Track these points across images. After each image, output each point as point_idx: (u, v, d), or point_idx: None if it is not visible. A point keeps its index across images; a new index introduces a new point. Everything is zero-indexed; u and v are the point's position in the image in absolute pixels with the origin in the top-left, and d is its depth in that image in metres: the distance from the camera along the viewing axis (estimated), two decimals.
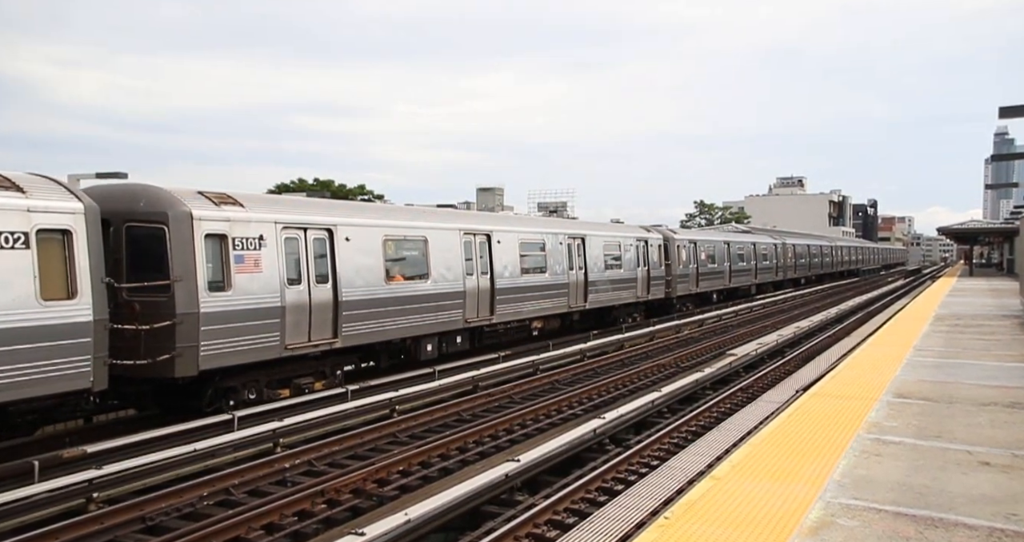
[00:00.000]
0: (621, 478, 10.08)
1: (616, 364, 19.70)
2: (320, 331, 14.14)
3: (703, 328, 27.90)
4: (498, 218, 27.44)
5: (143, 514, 8.59)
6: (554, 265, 22.30)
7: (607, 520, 7.87)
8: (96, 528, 8.17)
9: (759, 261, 42.56)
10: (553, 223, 26.29)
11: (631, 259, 27.03)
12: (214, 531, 7.94)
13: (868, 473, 6.59)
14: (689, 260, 32.28)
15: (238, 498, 9.44)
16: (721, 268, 36.59)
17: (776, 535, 5.15)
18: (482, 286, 19.11)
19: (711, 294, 36.32)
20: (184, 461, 10.30)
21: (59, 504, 8.83)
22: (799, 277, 52.80)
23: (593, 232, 25.44)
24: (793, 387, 14.86)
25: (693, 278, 32.87)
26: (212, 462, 10.60)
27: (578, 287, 23.45)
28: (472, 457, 11.38)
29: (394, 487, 9.92)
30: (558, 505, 8.89)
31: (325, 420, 12.73)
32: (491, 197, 39.63)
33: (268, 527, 8.41)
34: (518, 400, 15.33)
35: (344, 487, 9.59)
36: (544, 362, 18.77)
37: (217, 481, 9.66)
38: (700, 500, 5.85)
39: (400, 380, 15.67)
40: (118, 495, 9.33)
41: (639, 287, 27.55)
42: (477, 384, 16.16)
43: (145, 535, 8.26)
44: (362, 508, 9.24)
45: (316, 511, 8.95)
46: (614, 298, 25.93)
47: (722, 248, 36.93)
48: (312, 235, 14.23)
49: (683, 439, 12.06)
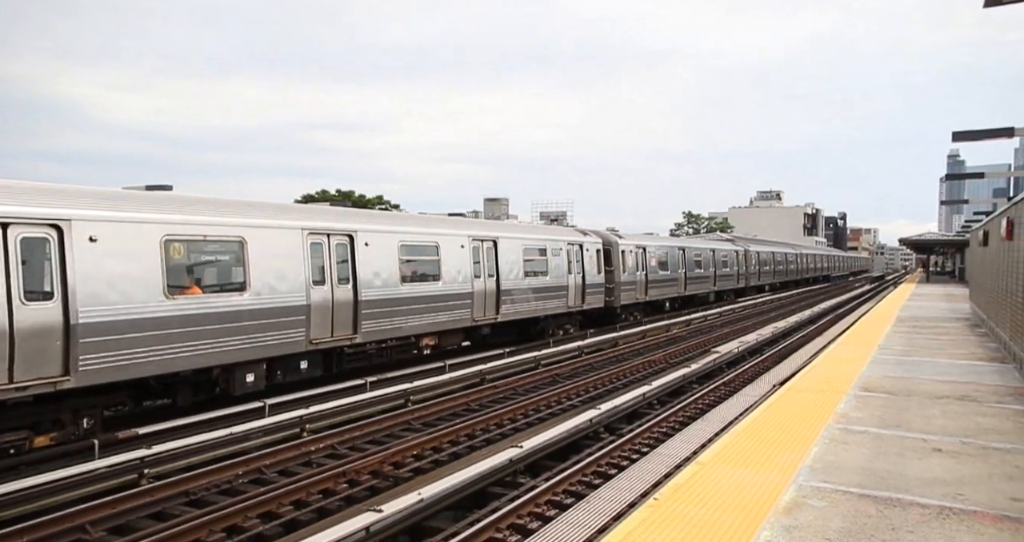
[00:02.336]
0: (615, 463, 10.17)
1: (611, 360, 19.77)
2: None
3: (690, 327, 27.95)
4: (370, 216, 18.27)
5: (187, 489, 8.72)
6: (451, 272, 17.45)
7: (602, 500, 7.96)
8: (147, 500, 8.31)
9: (718, 268, 38.70)
10: (452, 223, 19.60)
11: (560, 265, 22.46)
12: (249, 505, 8.06)
13: (836, 459, 6.71)
14: (637, 266, 28.03)
15: (269, 477, 9.56)
16: (675, 275, 32.07)
17: (754, 514, 5.27)
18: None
19: (663, 302, 31.74)
20: (222, 443, 10.42)
21: (115, 478, 9.00)
22: (763, 284, 49.42)
23: (508, 234, 20.50)
24: (770, 382, 14.95)
25: (641, 286, 28.51)
26: (246, 445, 10.71)
27: (486, 297, 18.75)
28: (479, 443, 11.47)
29: (409, 469, 10.01)
30: (557, 487, 8.98)
31: (346, 408, 12.83)
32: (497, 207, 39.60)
33: (296, 503, 8.52)
34: (521, 392, 15.42)
35: (364, 469, 9.69)
36: (546, 358, 18.84)
37: (251, 461, 9.77)
38: (686, 483, 5.97)
39: (414, 373, 15.77)
40: (165, 472, 9.46)
41: (570, 296, 23.04)
42: (484, 377, 16.25)
43: (189, 508, 8.38)
44: (380, 488, 9.34)
45: (339, 490, 9.05)
46: (537, 309, 21.21)
47: (676, 254, 32.55)
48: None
49: (671, 428, 12.14)
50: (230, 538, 7.47)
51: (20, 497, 8.14)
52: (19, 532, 7.26)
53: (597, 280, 24.93)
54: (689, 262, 34.03)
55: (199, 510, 8.18)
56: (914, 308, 25.45)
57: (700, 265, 35.67)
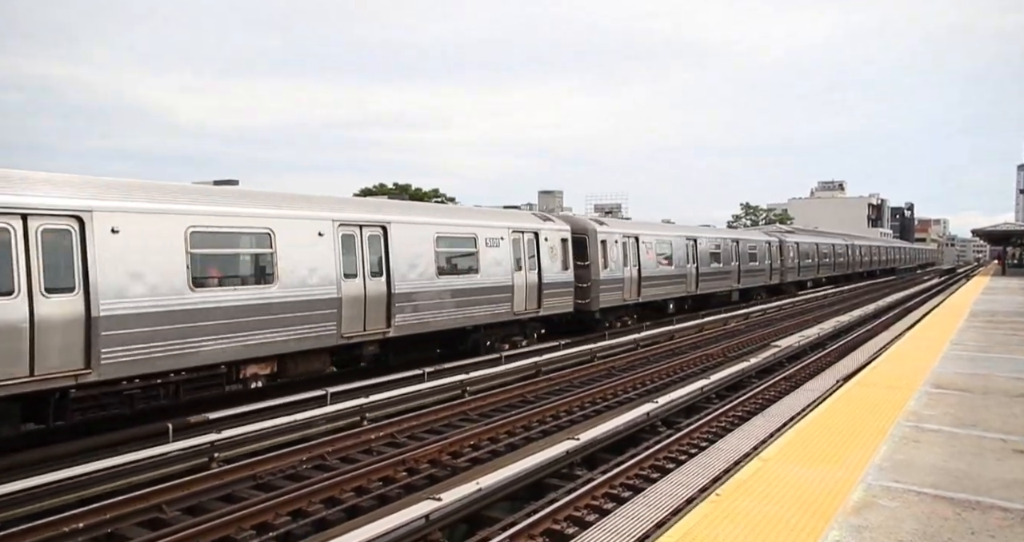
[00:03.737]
0: (672, 457, 10.02)
1: (667, 353, 19.51)
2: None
3: (748, 321, 27.33)
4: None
5: (254, 473, 9.00)
6: (298, 271, 12.26)
7: (660, 495, 7.85)
8: (217, 483, 8.61)
9: (743, 262, 32.49)
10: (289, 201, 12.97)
11: (499, 259, 17.06)
12: (313, 491, 8.26)
13: (907, 458, 6.44)
14: (624, 261, 22.77)
15: (332, 463, 9.77)
16: (681, 271, 26.70)
17: (821, 513, 5.10)
18: None
19: (665, 304, 26.17)
20: (286, 429, 10.70)
21: (188, 461, 9.35)
22: (804, 280, 42.53)
23: (403, 217, 14.58)
24: (834, 377, 14.48)
25: (631, 284, 23.02)
26: (309, 432, 10.98)
27: (367, 304, 13.45)
28: (536, 435, 11.47)
29: (466, 459, 10.08)
30: (614, 480, 8.91)
31: (405, 398, 13.00)
32: (551, 199, 39.43)
33: (358, 489, 8.68)
34: (577, 384, 15.36)
35: (422, 458, 9.81)
36: (601, 350, 18.73)
37: (314, 448, 10.01)
38: (749, 479, 5.82)
39: (469, 364, 15.88)
40: (233, 456, 9.78)
41: (518, 299, 17.59)
42: (540, 369, 16.24)
43: (256, 491, 8.64)
44: (438, 477, 9.43)
45: (398, 478, 9.19)
46: (462, 317, 15.90)
47: (683, 246, 26.94)
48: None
49: (730, 423, 11.90)
50: (295, 521, 7.67)
51: (103, 476, 8.54)
52: (104, 508, 7.62)
53: (562, 278, 19.39)
54: (703, 255, 28.37)
55: (266, 493, 8.42)
56: (989, 302, 24.24)
57: (718, 259, 30.07)
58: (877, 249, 66.17)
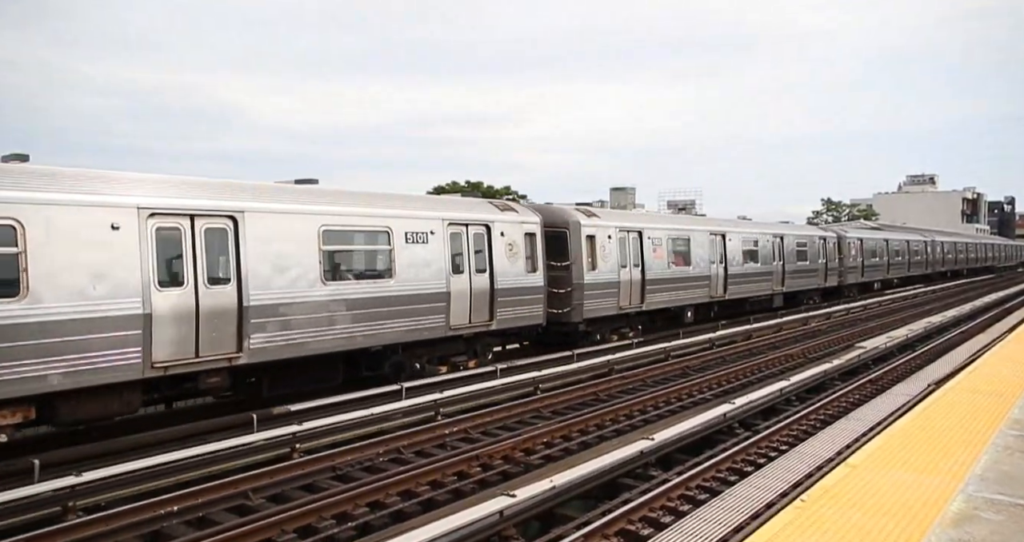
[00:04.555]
0: (751, 460, 9.75)
1: (744, 353, 18.99)
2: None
3: (831, 321, 26.27)
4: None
5: (333, 464, 9.26)
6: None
7: (738, 498, 7.65)
8: (298, 473, 8.90)
9: (789, 261, 27.96)
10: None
11: (428, 259, 13.46)
12: (391, 483, 8.42)
13: (1013, 469, 6.04)
14: (622, 260, 18.74)
15: (407, 457, 9.94)
16: (703, 272, 22.37)
17: (916, 524, 4.84)
18: None
19: (682, 311, 21.98)
20: (364, 422, 10.98)
21: (271, 451, 9.72)
22: (870, 281, 37.65)
23: (266, 206, 11.23)
24: (926, 380, 13.75)
25: (631, 289, 19.03)
26: (385, 425, 11.22)
27: (199, 322, 10.17)
28: (609, 433, 11.37)
29: (539, 457, 10.07)
30: (690, 481, 8.73)
31: (478, 394, 13.12)
32: (623, 196, 38.94)
33: (433, 483, 8.80)
34: (650, 383, 15.13)
35: (496, 454, 9.86)
36: (675, 349, 18.39)
37: (390, 441, 10.22)
38: (836, 485, 5.59)
39: (542, 361, 15.89)
40: (314, 447, 10.10)
41: (456, 310, 13.92)
42: (612, 367, 16.09)
43: (335, 482, 8.89)
44: (511, 473, 9.46)
45: (472, 473, 9.26)
46: (364, 335, 12.30)
47: (704, 242, 22.67)
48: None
49: (811, 427, 11.47)
50: (373, 512, 7.84)
51: (196, 462, 8.98)
52: (196, 493, 8.01)
53: (526, 282, 15.63)
54: (734, 254, 24.21)
55: (345, 485, 8.65)
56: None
57: (755, 257, 25.82)
58: (964, 246, 58.48)
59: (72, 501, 7.84)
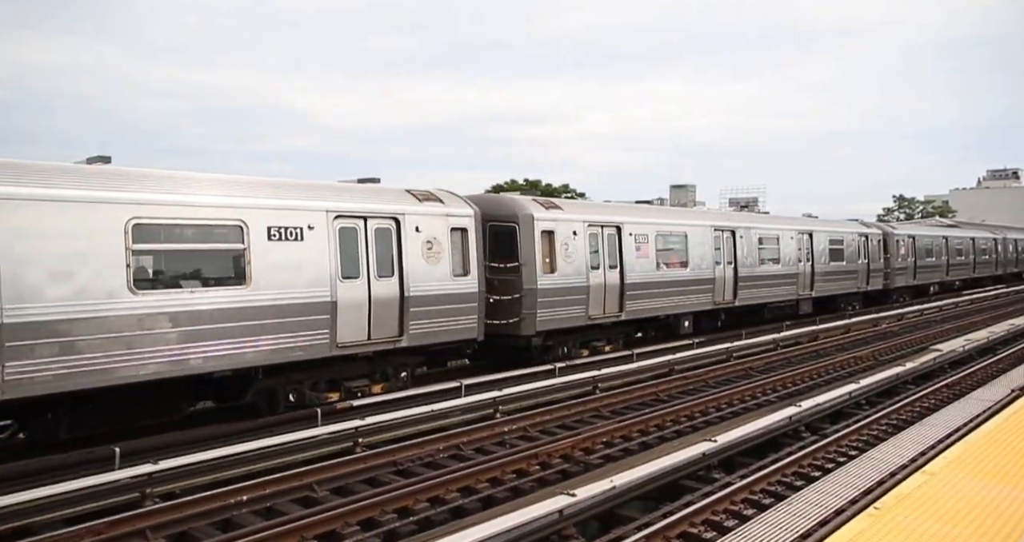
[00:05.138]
0: (818, 465, 9.44)
1: (810, 355, 18.42)
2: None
3: (903, 322, 25.22)
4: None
5: (394, 459, 9.41)
6: None
7: (805, 504, 7.41)
8: (360, 467, 9.08)
9: (820, 261, 24.33)
10: None
11: (300, 261, 11.02)
12: (451, 479, 8.50)
13: None
14: (593, 261, 16.02)
15: (466, 454, 10.02)
16: (704, 274, 19.14)
17: (1004, 537, 4.59)
18: None
19: (677, 320, 18.76)
20: (424, 418, 11.11)
21: (335, 445, 9.95)
22: (925, 284, 33.05)
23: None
24: (1008, 386, 13.05)
25: (605, 294, 16.25)
26: (445, 422, 11.33)
27: None
28: (669, 434, 11.20)
29: (599, 456, 10.00)
30: (755, 485, 8.52)
31: (536, 392, 13.12)
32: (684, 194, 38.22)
33: (492, 481, 8.84)
34: (712, 384, 14.85)
35: (555, 452, 9.84)
36: (738, 350, 17.99)
37: (450, 438, 10.31)
38: (913, 493, 5.36)
39: (601, 361, 15.79)
40: (376, 442, 10.29)
41: (341, 323, 11.31)
42: (672, 368, 15.85)
43: (397, 477, 9.03)
44: (571, 472, 9.42)
45: (531, 471, 9.26)
46: (204, 358, 9.84)
47: (706, 239, 19.41)
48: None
49: (883, 432, 11.03)
50: (434, 507, 7.93)
51: (263, 454, 9.27)
52: (264, 484, 8.27)
53: (455, 287, 13.11)
54: (746, 253, 20.61)
55: (406, 479, 8.78)
56: None
57: (776, 257, 22.06)
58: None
59: (149, 488, 8.20)
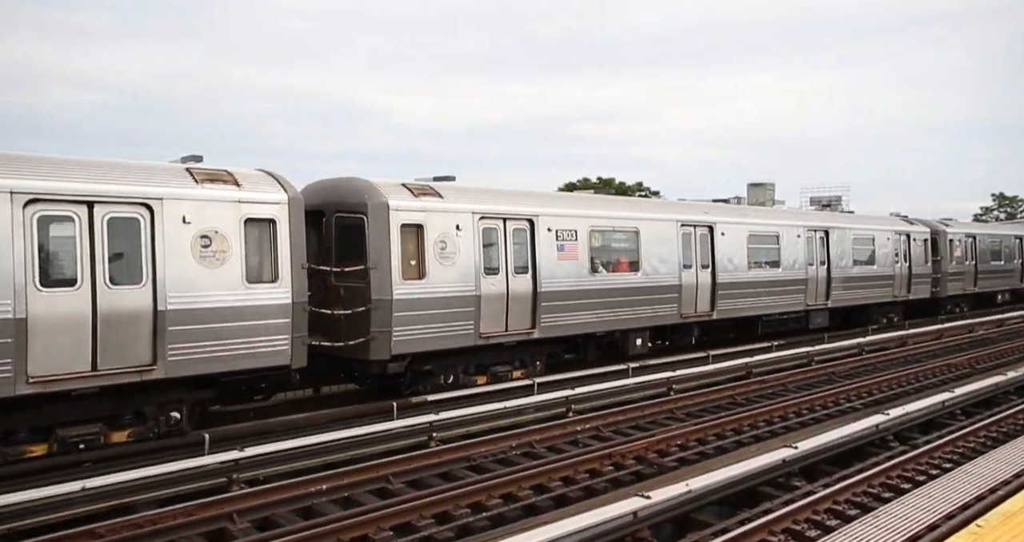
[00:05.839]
0: (907, 477, 8.99)
1: (898, 361, 17.57)
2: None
3: (1002, 329, 23.70)
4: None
5: (468, 454, 9.52)
6: None
7: (893, 517, 7.06)
8: (435, 461, 9.23)
9: (839, 265, 20.53)
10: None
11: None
12: (524, 477, 8.53)
13: None
14: (471, 259, 12.59)
15: (539, 452, 10.03)
16: (663, 281, 15.83)
17: None
18: None
19: (625, 338, 15.55)
20: (497, 415, 11.20)
21: (409, 439, 10.16)
22: (992, 291, 27.57)
23: None
24: None
25: (503, 307, 12.99)
26: (518, 419, 11.39)
27: None
28: (747, 439, 10.91)
29: (673, 459, 9.84)
30: (838, 495, 8.18)
31: (609, 392, 13.02)
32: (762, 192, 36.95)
33: (565, 480, 8.81)
34: (792, 389, 14.37)
35: (628, 453, 9.74)
36: (819, 354, 17.34)
37: (523, 435, 10.35)
38: (1021, 513, 5.02)
39: (675, 362, 15.53)
40: (449, 437, 10.44)
41: None
42: (751, 370, 15.43)
43: (470, 472, 9.13)
44: (644, 474, 9.30)
45: (604, 471, 9.19)
46: None
47: (669, 237, 16.08)
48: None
49: (981, 444, 10.41)
50: (506, 504, 7.98)
51: (341, 445, 9.57)
52: (342, 474, 8.53)
53: (251, 298, 9.84)
54: (728, 253, 17.26)
55: (479, 475, 8.87)
56: None
57: (772, 259, 18.69)
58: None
59: (236, 474, 8.58)
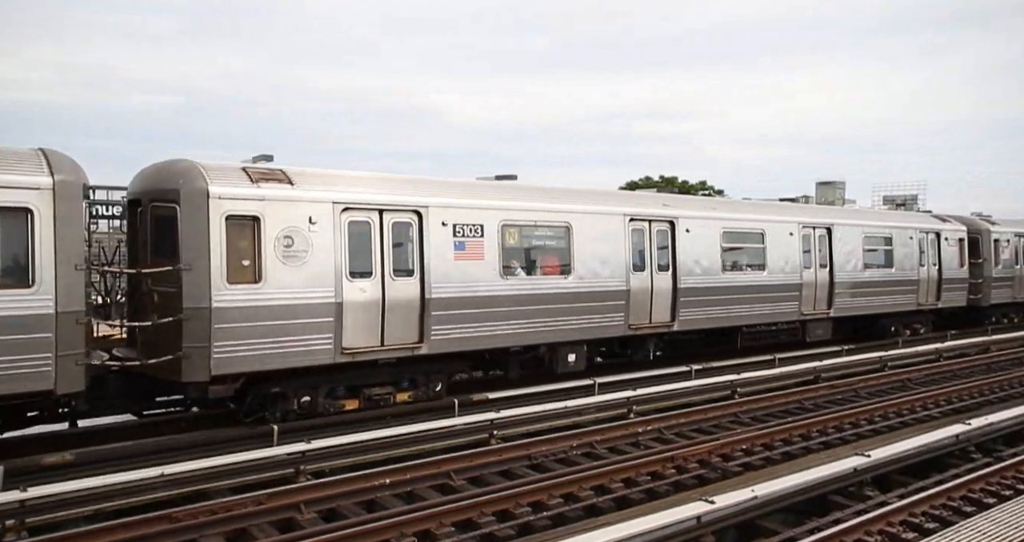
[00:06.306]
0: (991, 491, 8.54)
1: (980, 368, 16.72)
2: None
3: None
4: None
5: (528, 453, 9.51)
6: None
7: (976, 532, 6.71)
8: (495, 459, 9.27)
9: (839, 267, 17.69)
10: None
11: None
12: (585, 477, 8.48)
13: None
14: (331, 259, 10.30)
15: (600, 452, 9.95)
16: (611, 284, 13.55)
17: None
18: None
19: (557, 355, 13.11)
20: (558, 414, 11.18)
21: (470, 436, 10.25)
22: (1013, 302, 23.60)
23: None
24: None
25: (368, 317, 10.64)
26: (578, 419, 11.34)
27: None
28: (815, 446, 10.57)
29: (738, 463, 9.61)
30: (915, 507, 7.84)
31: (672, 394, 12.84)
32: (831, 191, 35.64)
33: (626, 481, 8.72)
34: (864, 395, 13.85)
35: (691, 456, 9.56)
36: (893, 359, 16.66)
37: (583, 435, 10.28)
38: None
39: (740, 364, 15.18)
40: (509, 435, 10.48)
41: None
42: (819, 375, 14.96)
43: (531, 470, 9.14)
44: (707, 478, 9.12)
45: (666, 474, 9.05)
46: None
47: (611, 231, 13.72)
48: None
49: None
50: (567, 504, 7.94)
51: (403, 440, 9.72)
52: (405, 469, 8.64)
53: None
54: (694, 253, 14.95)
55: (540, 474, 8.87)
56: None
57: (756, 260, 16.31)
58: None
59: (303, 465, 8.83)
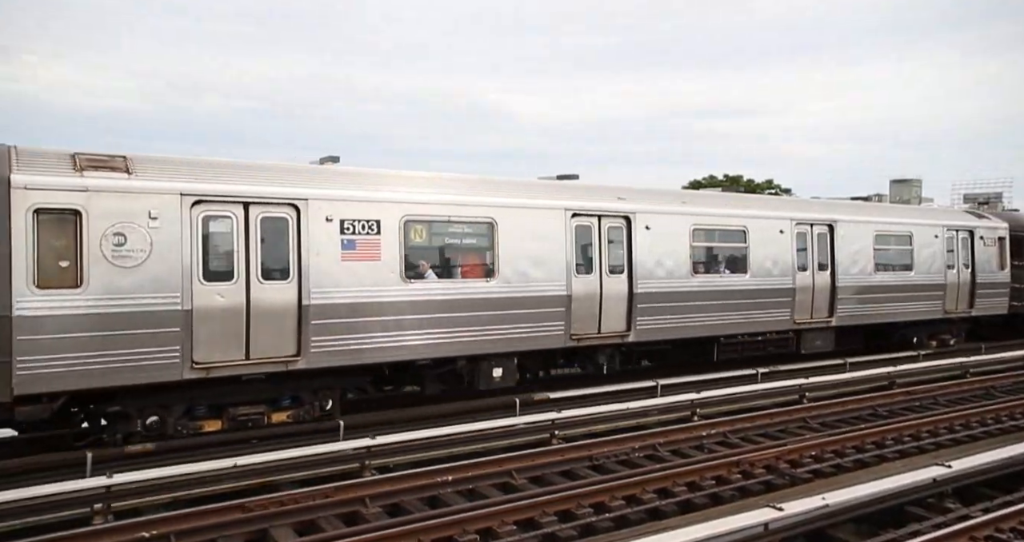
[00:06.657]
0: None
1: None
2: None
3: None
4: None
5: (590, 454, 9.44)
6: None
7: None
8: (557, 459, 9.23)
9: (842, 270, 15.93)
10: None
11: None
12: (648, 479, 8.36)
13: None
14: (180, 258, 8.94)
15: (663, 455, 9.80)
16: (549, 289, 11.78)
17: None
18: None
19: (484, 368, 11.44)
20: (620, 416, 11.08)
21: (532, 435, 10.25)
22: None
23: None
24: None
25: (234, 325, 9.35)
26: (641, 421, 11.21)
27: None
28: (890, 454, 10.12)
29: (807, 470, 9.30)
30: (1001, 522, 7.41)
31: (737, 397, 12.55)
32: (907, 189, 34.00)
33: (690, 485, 8.56)
34: (943, 402, 13.22)
35: (758, 461, 9.31)
36: (975, 365, 15.85)
37: (646, 437, 10.14)
38: None
39: (808, 368, 14.72)
40: (571, 436, 10.44)
41: None
42: (894, 381, 14.35)
43: (592, 472, 9.07)
44: (775, 484, 8.86)
45: (732, 479, 8.83)
46: None
47: (551, 229, 11.90)
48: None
49: None
50: (630, 506, 7.84)
51: (465, 438, 9.81)
52: (467, 467, 8.70)
53: None
54: (656, 255, 13.29)
55: (602, 475, 8.79)
56: None
57: (736, 262, 14.66)
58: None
59: (368, 460, 9.00)
